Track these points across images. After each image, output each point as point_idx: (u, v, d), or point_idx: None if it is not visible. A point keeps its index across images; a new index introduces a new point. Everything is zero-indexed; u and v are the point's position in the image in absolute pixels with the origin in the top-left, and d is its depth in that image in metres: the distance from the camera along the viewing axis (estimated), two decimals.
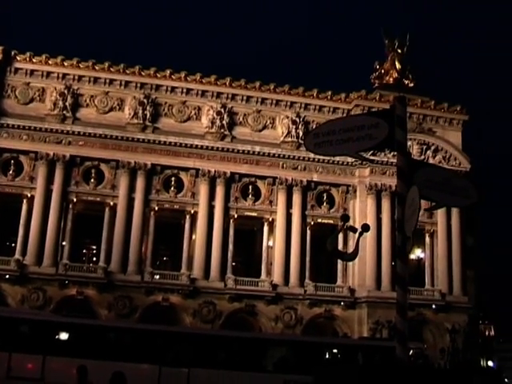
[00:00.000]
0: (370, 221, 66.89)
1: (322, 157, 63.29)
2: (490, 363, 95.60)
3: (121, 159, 67.80)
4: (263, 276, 68.64)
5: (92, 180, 67.50)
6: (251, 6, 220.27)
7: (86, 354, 31.04)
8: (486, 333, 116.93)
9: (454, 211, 72.89)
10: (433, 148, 74.51)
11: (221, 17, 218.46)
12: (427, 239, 73.73)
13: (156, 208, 68.18)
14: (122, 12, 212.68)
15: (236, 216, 69.61)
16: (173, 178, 69.12)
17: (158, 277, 66.33)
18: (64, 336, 35.96)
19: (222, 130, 70.62)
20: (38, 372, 32.59)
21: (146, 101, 69.64)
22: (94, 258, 69.83)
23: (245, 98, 72.52)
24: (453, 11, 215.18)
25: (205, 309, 65.95)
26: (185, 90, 71.09)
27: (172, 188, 68.83)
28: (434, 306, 70.51)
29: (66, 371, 29.84)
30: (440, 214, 72.57)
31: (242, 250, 72.30)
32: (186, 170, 69.23)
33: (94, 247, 70.50)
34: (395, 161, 10.13)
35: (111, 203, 67.20)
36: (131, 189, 67.49)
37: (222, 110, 71.11)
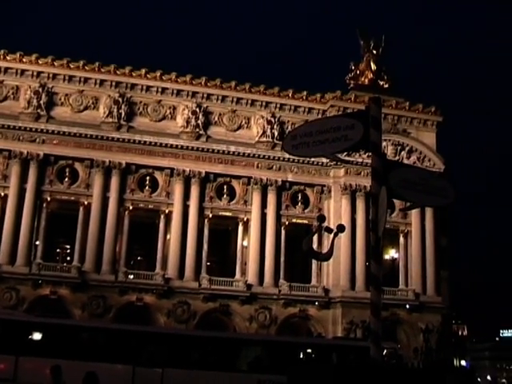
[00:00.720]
0: (345, 221, 67.03)
1: (297, 157, 63.43)
2: (463, 363, 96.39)
3: (95, 158, 67.45)
4: (238, 276, 68.69)
5: (66, 179, 67.10)
6: (227, 7, 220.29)
7: (60, 354, 30.82)
8: (459, 332, 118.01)
9: (428, 212, 73.40)
10: (407, 149, 74.96)
11: (197, 17, 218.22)
12: (401, 239, 74.17)
13: (130, 207, 67.95)
14: (98, 10, 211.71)
15: (211, 216, 69.60)
16: (147, 178, 68.94)
17: (132, 276, 66.13)
18: (37, 336, 35.72)
19: (197, 130, 70.55)
20: (11, 373, 32.34)
21: (120, 100, 69.37)
22: (68, 258, 69.46)
23: (220, 97, 72.51)
24: (428, 13, 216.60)
25: (179, 309, 65.83)
26: (160, 89, 70.89)
27: (147, 187, 68.64)
28: (407, 306, 70.92)
29: (40, 371, 29.65)
30: (414, 214, 73.07)
31: (216, 249, 72.25)
32: (160, 169, 69.07)
33: (68, 247, 70.12)
34: (370, 161, 10.16)
35: (85, 202, 66.85)
36: (105, 188, 67.17)
37: (197, 110, 71.04)
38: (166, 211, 68.59)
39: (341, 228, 17.32)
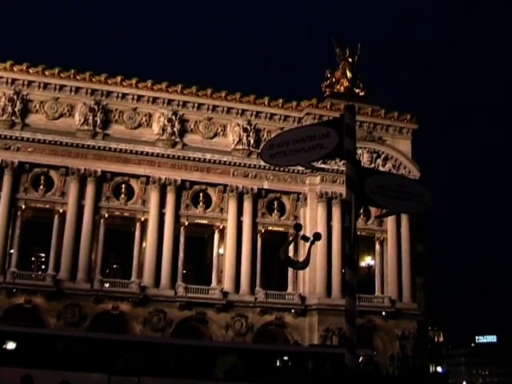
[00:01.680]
0: (321, 228, 67.25)
1: (274, 166, 63.55)
2: (439, 369, 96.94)
3: (70, 166, 67.07)
4: (214, 284, 68.62)
5: (41, 187, 66.64)
6: (204, 15, 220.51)
7: (34, 364, 30.56)
8: (435, 339, 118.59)
9: (404, 219, 73.81)
10: (383, 156, 75.35)
11: (172, 24, 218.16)
12: (377, 247, 74.46)
13: (106, 215, 67.64)
14: (73, 17, 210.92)
15: (187, 223, 69.44)
16: (123, 185, 68.66)
17: (107, 285, 65.77)
18: (11, 345, 35.41)
19: (173, 137, 70.45)
20: None
21: (96, 107, 69.07)
22: (43, 266, 68.95)
23: (196, 105, 72.50)
24: (403, 22, 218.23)
25: (155, 317, 65.60)
26: (136, 97, 70.71)
27: (122, 195, 68.37)
28: (383, 313, 71.16)
29: (14, 381, 29.37)
30: (390, 221, 73.42)
31: (192, 257, 72.12)
32: (136, 177, 68.87)
33: (43, 255, 69.66)
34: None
35: (60, 210, 66.44)
36: (81, 196, 66.79)
37: (173, 117, 70.94)
38: (142, 219, 68.38)
39: (317, 236, 17.35)
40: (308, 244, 16.57)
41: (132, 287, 65.56)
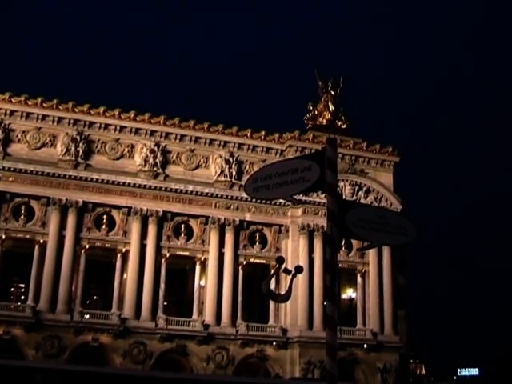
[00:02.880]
0: (303, 261, 67.31)
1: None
2: None
3: (52, 196, 66.78)
4: (195, 316, 68.27)
5: (22, 217, 66.21)
6: (185, 43, 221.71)
7: None
8: (417, 372, 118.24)
9: (386, 251, 73.96)
10: (365, 189, 75.68)
11: (154, 54, 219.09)
12: (359, 279, 74.45)
13: (87, 246, 67.29)
14: (55, 46, 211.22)
15: (168, 255, 69.19)
16: (104, 216, 68.44)
17: (87, 316, 65.22)
18: None
19: (155, 169, 70.42)
20: None
21: (78, 137, 68.96)
22: (23, 297, 68.39)
23: (178, 136, 72.59)
24: (387, 54, 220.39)
25: (135, 349, 65.10)
26: (118, 128, 70.71)
27: (104, 226, 68.12)
28: (365, 346, 71.03)
29: None
30: (371, 253, 73.56)
31: (173, 289, 71.85)
32: (118, 207, 68.68)
33: (23, 285, 69.09)
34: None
35: (41, 241, 66.00)
36: (62, 226, 66.43)
37: (156, 149, 70.99)
38: (123, 250, 68.08)
39: (299, 269, 17.28)
40: (290, 277, 16.53)
41: (112, 319, 65.05)
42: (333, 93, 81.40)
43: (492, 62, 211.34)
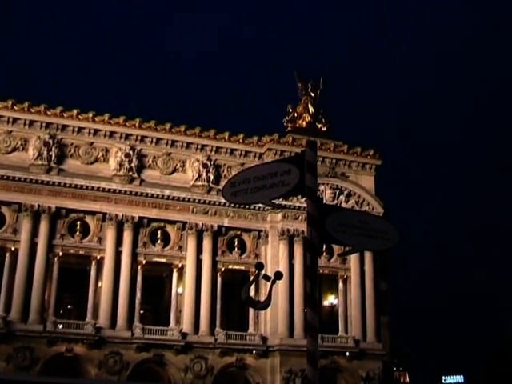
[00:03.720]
0: (283, 267, 67.41)
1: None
2: None
3: (23, 202, 66.29)
4: (172, 324, 68.04)
5: None
6: (162, 44, 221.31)
7: None
8: (401, 379, 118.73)
9: (367, 256, 74.14)
10: (346, 193, 75.88)
11: (128, 55, 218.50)
12: (340, 285, 74.58)
13: (60, 253, 66.86)
14: (26, 49, 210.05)
15: (144, 262, 68.99)
16: (78, 222, 68.04)
17: (61, 326, 64.66)
18: None
19: (131, 173, 70.20)
20: None
21: (51, 141, 68.57)
22: None
23: (154, 140, 72.41)
24: (368, 56, 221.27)
25: (111, 359, 64.74)
26: (92, 131, 70.38)
27: (77, 232, 67.73)
28: (347, 354, 71.14)
29: None
30: (353, 259, 73.74)
31: (150, 297, 71.69)
32: (92, 213, 68.36)
33: None
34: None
35: (12, 248, 65.51)
36: (34, 233, 65.98)
37: (131, 152, 70.77)
38: (98, 257, 67.74)
39: (278, 275, 17.28)
40: (269, 283, 16.52)
41: (87, 328, 64.64)
42: (313, 94, 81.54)
43: (479, 55, 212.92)
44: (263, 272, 17.14)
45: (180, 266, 70.27)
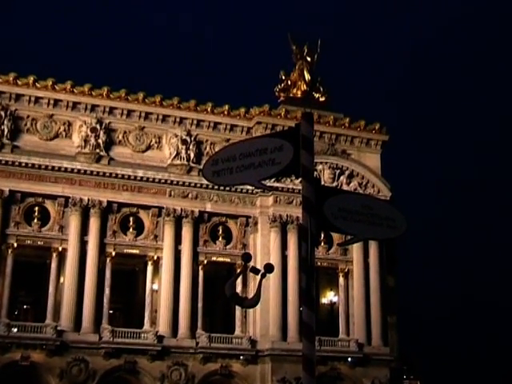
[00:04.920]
0: (274, 259, 67.46)
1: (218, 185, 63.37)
2: None
3: None
4: (146, 326, 67.98)
5: None
6: (135, 8, 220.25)
7: None
8: None
9: (372, 247, 74.22)
10: (347, 173, 75.81)
11: (98, 19, 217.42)
12: (341, 280, 74.65)
13: (15, 244, 66.54)
14: None
15: (114, 254, 68.89)
16: (36, 208, 67.77)
17: (15, 330, 64.35)
18: None
19: (98, 151, 69.86)
20: None
21: (3, 113, 68.17)
22: None
23: (125, 112, 72.18)
24: (373, 16, 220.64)
25: (75, 368, 64.58)
26: (52, 102, 69.93)
27: (35, 220, 67.46)
28: (349, 359, 71.31)
29: None
30: (356, 250, 73.80)
31: (120, 294, 71.85)
32: (52, 197, 68.09)
33: None
34: None
35: None
36: None
37: (98, 127, 70.35)
38: (60, 249, 67.47)
39: (269, 268, 16.98)
40: (258, 277, 16.20)
41: (46, 332, 64.40)
42: (309, 59, 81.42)
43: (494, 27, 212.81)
44: (251, 264, 16.87)
45: (155, 258, 70.20)
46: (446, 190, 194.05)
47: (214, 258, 72.17)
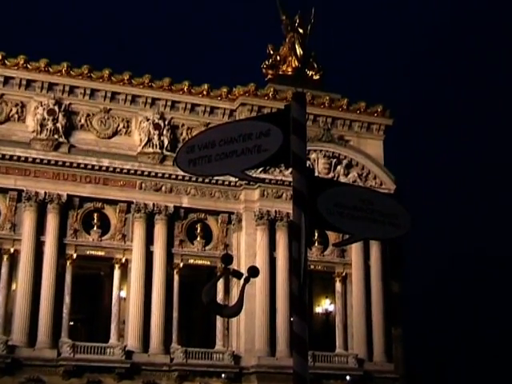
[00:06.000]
0: (261, 261, 67.78)
1: (195, 176, 63.25)
2: None
3: None
4: (113, 340, 67.91)
5: None
6: None
7: None
8: None
9: (374, 247, 74.44)
10: (345, 162, 75.90)
11: None
12: (338, 286, 74.80)
13: None
14: None
15: (75, 256, 68.74)
16: None
17: None
18: None
19: (56, 137, 69.64)
20: None
21: None
22: None
23: (88, 91, 72.12)
24: None
25: None
26: (2, 80, 69.91)
27: None
28: (348, 378, 71.50)
29: None
30: (355, 251, 74.03)
31: (83, 303, 72.00)
32: (3, 191, 68.03)
33: None
34: None
35: None
36: None
37: (56, 109, 70.11)
38: (11, 250, 67.26)
39: (253, 271, 16.90)
40: (242, 282, 16.01)
41: None
42: (301, 31, 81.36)
43: None
44: (232, 267, 16.74)
45: (123, 260, 70.22)
46: (460, 182, 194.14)
47: (191, 261, 72.24)
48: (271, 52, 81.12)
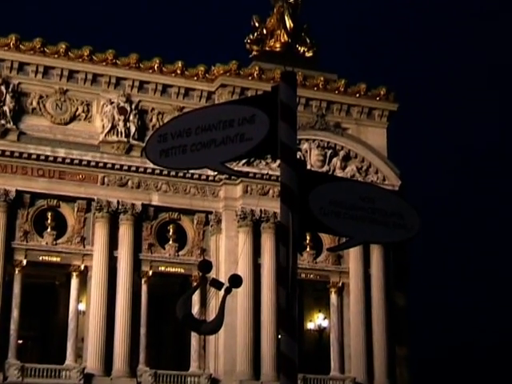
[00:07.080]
0: (243, 268, 67.17)
1: (167, 169, 63.24)
2: None
3: None
4: (69, 361, 67.75)
5: None
6: None
7: None
8: None
9: (375, 253, 74.58)
10: (342, 154, 75.99)
11: None
12: (333, 298, 74.95)
13: None
14: None
15: (25, 263, 68.58)
16: None
17: None
18: None
19: (3, 122, 69.50)
20: None
21: None
22: None
23: (41, 69, 71.92)
24: None
25: None
26: None
27: None
28: None
29: None
30: (353, 257, 74.17)
31: (34, 317, 72.31)
32: None
33: None
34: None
35: None
36: None
37: (3, 89, 69.86)
38: None
39: (235, 281, 16.95)
40: (222, 293, 15.91)
41: None
42: (291, 0, 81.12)
43: None
44: (211, 276, 16.64)
45: (82, 268, 70.18)
46: (474, 175, 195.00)
47: (162, 268, 72.34)
48: (256, 24, 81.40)
